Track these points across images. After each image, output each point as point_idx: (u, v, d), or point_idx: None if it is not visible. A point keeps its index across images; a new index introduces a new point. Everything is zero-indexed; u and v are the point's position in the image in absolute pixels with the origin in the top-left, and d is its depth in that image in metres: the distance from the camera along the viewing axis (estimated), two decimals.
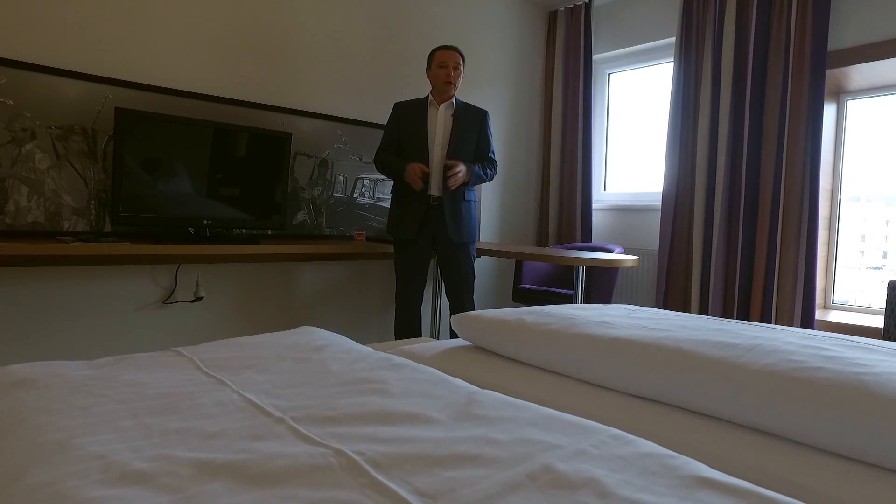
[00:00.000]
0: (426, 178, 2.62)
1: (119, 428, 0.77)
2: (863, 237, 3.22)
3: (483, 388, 1.24)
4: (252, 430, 0.78)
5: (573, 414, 1.03)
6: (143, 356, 1.16)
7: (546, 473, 0.64)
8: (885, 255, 3.21)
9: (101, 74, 2.38)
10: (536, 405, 0.86)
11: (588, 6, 3.99)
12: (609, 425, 0.90)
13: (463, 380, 1.29)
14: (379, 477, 0.64)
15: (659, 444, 0.88)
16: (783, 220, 3.06)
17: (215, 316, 2.71)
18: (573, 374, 1.24)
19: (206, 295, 2.67)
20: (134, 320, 2.49)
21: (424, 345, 1.59)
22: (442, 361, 1.41)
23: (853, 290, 3.24)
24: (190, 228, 2.51)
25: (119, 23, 2.42)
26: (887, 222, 3.20)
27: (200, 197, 2.46)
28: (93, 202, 2.38)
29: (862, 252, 3.22)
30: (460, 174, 2.57)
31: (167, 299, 2.57)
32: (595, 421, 0.92)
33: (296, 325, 3.00)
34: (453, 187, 2.60)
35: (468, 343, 1.58)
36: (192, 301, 2.63)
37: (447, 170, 2.59)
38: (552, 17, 4.23)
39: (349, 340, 1.29)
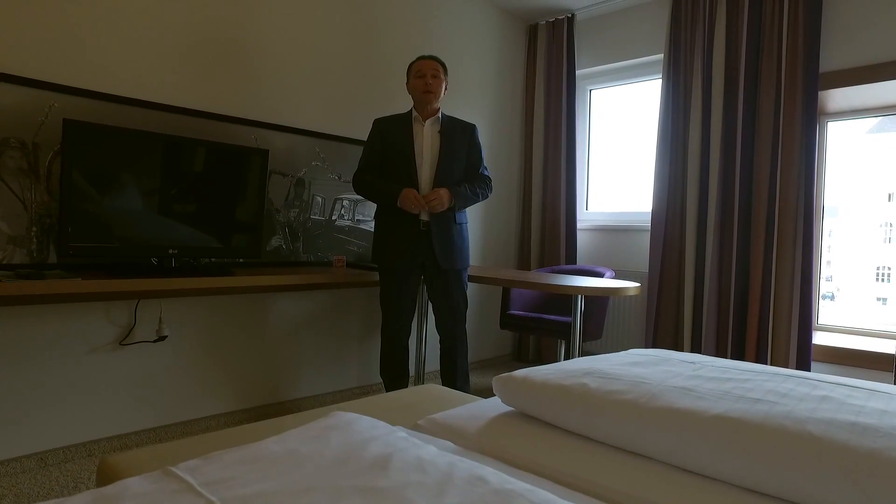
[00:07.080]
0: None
1: None
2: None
3: (557, 476, 1.02)
4: None
5: None
6: (119, 487, 0.80)
7: None
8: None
9: (44, 79, 2.02)
10: None
11: (570, 20, 3.86)
12: None
13: (526, 463, 1.06)
14: None
15: None
16: (778, 242, 3.00)
17: (181, 357, 2.37)
18: (665, 459, 1.04)
19: (171, 333, 2.33)
20: (86, 365, 2.12)
21: (457, 412, 1.34)
22: (492, 439, 1.18)
23: None
24: (153, 259, 2.18)
25: (68, 20, 2.07)
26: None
27: (164, 223, 2.13)
28: (34, 229, 2.01)
29: None
30: (434, 201, 2.36)
31: (124, 340, 2.21)
32: None
33: (270, 362, 2.68)
34: (436, 211, 2.40)
35: (511, 409, 1.35)
36: (155, 341, 2.28)
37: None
38: (532, 30, 4.08)
39: (404, 435, 1.01)
